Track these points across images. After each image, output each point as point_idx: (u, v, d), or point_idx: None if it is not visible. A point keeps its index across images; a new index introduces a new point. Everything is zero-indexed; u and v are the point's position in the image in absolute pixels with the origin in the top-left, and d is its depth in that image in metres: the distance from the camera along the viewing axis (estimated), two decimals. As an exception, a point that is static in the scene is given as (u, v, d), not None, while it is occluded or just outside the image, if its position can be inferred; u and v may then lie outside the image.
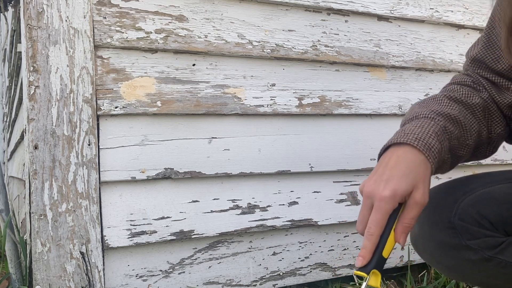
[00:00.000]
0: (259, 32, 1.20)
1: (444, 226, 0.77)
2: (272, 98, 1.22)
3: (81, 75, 1.02)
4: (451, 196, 0.79)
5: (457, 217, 0.76)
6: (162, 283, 1.12)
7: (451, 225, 0.76)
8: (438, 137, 0.73)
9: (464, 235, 0.75)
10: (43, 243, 0.99)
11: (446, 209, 0.78)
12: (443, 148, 0.73)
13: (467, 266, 0.77)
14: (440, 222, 0.78)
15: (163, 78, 1.11)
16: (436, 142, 0.72)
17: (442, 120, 0.76)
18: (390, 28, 1.38)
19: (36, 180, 0.99)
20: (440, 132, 0.73)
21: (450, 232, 0.76)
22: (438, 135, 0.73)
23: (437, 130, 0.73)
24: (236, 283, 1.21)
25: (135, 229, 1.08)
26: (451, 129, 0.76)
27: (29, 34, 0.98)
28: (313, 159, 1.28)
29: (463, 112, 0.80)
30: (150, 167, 1.10)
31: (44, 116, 0.99)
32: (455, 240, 0.76)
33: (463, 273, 0.80)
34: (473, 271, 0.78)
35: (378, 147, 1.35)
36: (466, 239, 0.75)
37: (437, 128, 0.74)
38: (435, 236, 0.78)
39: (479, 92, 0.83)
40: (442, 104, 0.80)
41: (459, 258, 0.77)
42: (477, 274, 0.79)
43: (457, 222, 0.75)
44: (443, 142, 0.73)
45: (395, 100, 1.39)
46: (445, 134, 0.75)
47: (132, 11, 1.07)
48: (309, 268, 1.30)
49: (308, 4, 1.24)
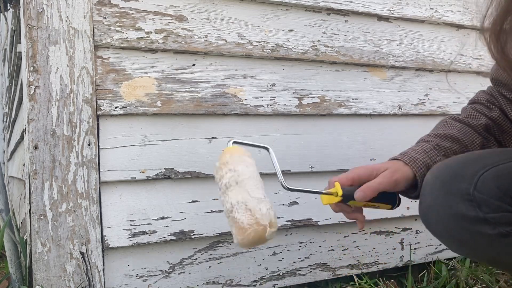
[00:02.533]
0: (259, 32, 1.20)
1: (462, 198, 0.74)
2: (272, 98, 1.22)
3: (81, 75, 1.02)
4: (470, 168, 0.76)
5: (477, 190, 0.73)
6: (162, 283, 1.12)
7: (470, 197, 0.73)
8: (427, 153, 0.88)
9: (482, 208, 0.73)
10: (43, 243, 0.99)
11: (465, 180, 0.75)
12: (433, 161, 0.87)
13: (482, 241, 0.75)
14: (457, 194, 0.75)
15: (163, 78, 1.10)
16: (422, 156, 0.88)
17: (436, 140, 0.91)
18: (390, 28, 1.38)
19: (36, 180, 0.99)
20: (429, 149, 0.89)
21: (468, 205, 0.73)
22: (427, 151, 0.88)
23: (426, 148, 0.89)
24: (236, 283, 1.21)
25: (135, 229, 1.08)
26: (446, 146, 0.90)
27: (29, 34, 0.98)
28: (313, 159, 1.28)
29: (464, 130, 0.93)
30: (150, 167, 1.10)
31: (44, 116, 0.99)
32: (473, 212, 0.73)
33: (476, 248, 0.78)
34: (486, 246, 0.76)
35: (378, 147, 1.35)
36: (485, 212, 0.72)
37: (427, 147, 0.89)
38: (451, 208, 0.75)
39: (490, 111, 0.95)
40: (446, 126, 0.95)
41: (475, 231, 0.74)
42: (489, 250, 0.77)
43: (476, 195, 0.73)
44: (433, 157, 0.88)
45: (395, 100, 1.39)
46: (436, 151, 0.89)
47: (132, 11, 1.07)
48: (309, 268, 1.30)
49: (308, 4, 1.24)
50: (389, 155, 1.08)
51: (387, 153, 1.10)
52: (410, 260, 1.43)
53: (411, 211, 1.40)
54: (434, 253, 1.48)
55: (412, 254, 1.44)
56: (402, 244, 1.43)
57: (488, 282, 1.35)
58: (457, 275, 1.37)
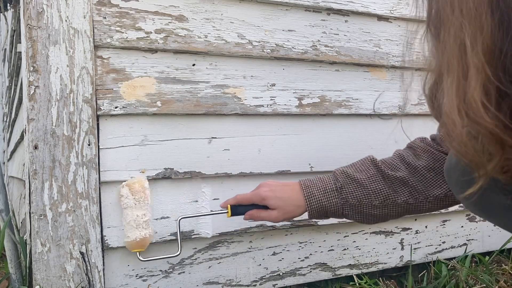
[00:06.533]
0: (259, 32, 1.20)
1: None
2: (272, 98, 1.22)
3: (81, 75, 1.02)
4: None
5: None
6: (162, 283, 1.12)
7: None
8: (326, 194, 1.00)
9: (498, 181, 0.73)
10: (43, 243, 0.99)
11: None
12: (329, 202, 1.00)
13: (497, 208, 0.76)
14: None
15: (163, 78, 1.10)
16: (320, 194, 1.00)
17: (343, 181, 1.00)
18: (390, 28, 1.38)
19: (36, 180, 0.99)
20: (330, 190, 1.00)
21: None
22: (327, 192, 1.00)
23: (328, 188, 1.00)
24: (236, 283, 1.21)
25: (135, 229, 1.08)
26: (349, 190, 0.99)
27: (29, 34, 0.98)
28: (313, 159, 1.28)
29: (374, 179, 1.00)
30: (150, 167, 1.10)
31: (44, 116, 0.99)
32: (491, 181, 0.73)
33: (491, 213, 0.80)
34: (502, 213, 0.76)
35: (378, 147, 1.35)
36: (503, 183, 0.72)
37: (329, 187, 1.00)
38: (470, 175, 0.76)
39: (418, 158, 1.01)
40: (361, 167, 1.03)
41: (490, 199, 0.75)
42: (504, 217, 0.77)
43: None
44: (330, 199, 1.00)
45: (395, 100, 1.39)
46: (337, 193, 1.00)
47: (132, 11, 1.07)
48: (309, 268, 1.30)
49: (308, 4, 1.24)
50: (389, 155, 1.09)
51: (387, 153, 1.10)
52: (410, 260, 1.43)
53: (411, 211, 1.40)
54: (434, 253, 1.48)
55: (412, 254, 1.44)
56: (402, 244, 1.43)
57: (488, 282, 1.35)
58: (457, 275, 1.37)
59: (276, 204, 1.01)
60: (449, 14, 0.58)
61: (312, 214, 1.02)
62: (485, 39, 0.54)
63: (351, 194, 1.00)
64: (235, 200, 1.05)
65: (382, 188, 0.99)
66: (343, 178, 1.01)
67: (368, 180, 1.00)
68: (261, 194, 1.03)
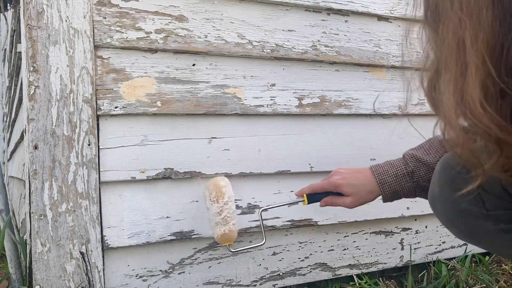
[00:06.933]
0: (259, 32, 1.20)
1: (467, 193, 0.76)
2: (272, 98, 1.22)
3: (81, 75, 1.02)
4: None
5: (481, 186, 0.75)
6: (162, 283, 1.12)
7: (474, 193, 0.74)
8: (398, 179, 1.00)
9: (486, 205, 0.74)
10: (43, 243, 0.99)
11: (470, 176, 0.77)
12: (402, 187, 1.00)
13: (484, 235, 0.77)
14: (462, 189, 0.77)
15: (163, 78, 1.10)
16: (392, 180, 1.01)
17: (413, 165, 1.00)
18: (390, 28, 1.38)
19: (36, 180, 0.99)
20: (401, 175, 1.00)
21: (472, 200, 0.75)
22: (399, 177, 1.00)
23: (400, 173, 1.01)
24: (236, 283, 1.21)
25: (135, 229, 1.08)
26: (420, 174, 0.99)
27: (29, 34, 0.98)
28: (313, 159, 1.28)
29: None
30: (150, 167, 1.10)
31: (44, 116, 0.99)
32: (476, 208, 0.75)
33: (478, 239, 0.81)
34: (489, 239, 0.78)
35: (378, 147, 1.35)
36: (487, 209, 0.74)
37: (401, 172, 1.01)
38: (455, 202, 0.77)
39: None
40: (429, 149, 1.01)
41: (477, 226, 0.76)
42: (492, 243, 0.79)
43: (480, 191, 0.74)
44: (403, 184, 1.00)
45: (395, 100, 1.39)
46: (408, 177, 1.00)
47: (132, 11, 1.07)
48: (309, 268, 1.30)
49: (308, 4, 1.24)
50: (388, 155, 1.09)
51: (387, 153, 1.10)
52: (410, 260, 1.43)
53: (411, 211, 1.40)
54: (434, 253, 1.48)
55: (412, 254, 1.44)
56: (402, 244, 1.43)
57: (488, 282, 1.35)
58: (457, 275, 1.37)
59: (350, 191, 1.04)
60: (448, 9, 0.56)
61: (386, 198, 1.04)
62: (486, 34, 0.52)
63: (422, 178, 0.99)
64: (310, 189, 1.09)
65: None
66: (413, 162, 1.01)
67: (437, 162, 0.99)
68: (334, 182, 1.05)
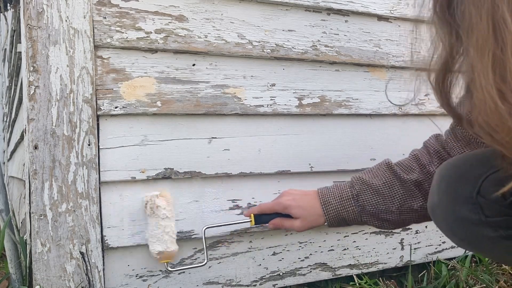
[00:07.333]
0: (259, 32, 1.20)
1: (466, 201, 0.75)
2: (272, 98, 1.22)
3: (81, 75, 1.02)
4: (476, 170, 0.77)
5: (480, 194, 0.74)
6: (162, 283, 1.12)
7: (473, 200, 0.74)
8: (342, 202, 1.00)
9: (485, 212, 0.73)
10: (43, 243, 0.99)
11: (469, 183, 0.76)
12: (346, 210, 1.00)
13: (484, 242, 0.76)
14: (461, 196, 0.76)
15: (163, 78, 1.11)
16: (336, 202, 1.01)
17: (359, 188, 1.00)
18: (390, 28, 1.38)
19: (36, 180, 0.99)
20: (346, 198, 1.00)
21: (471, 207, 0.74)
22: (343, 200, 1.00)
23: (345, 196, 1.00)
24: (236, 283, 1.21)
25: (135, 229, 1.08)
26: (364, 198, 0.99)
27: (29, 34, 0.98)
28: (313, 159, 1.28)
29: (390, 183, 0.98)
30: (150, 167, 1.10)
31: (44, 116, 0.99)
32: (475, 216, 0.74)
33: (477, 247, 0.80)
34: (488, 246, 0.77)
35: (378, 147, 1.35)
36: (486, 216, 0.73)
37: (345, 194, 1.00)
38: (455, 209, 0.77)
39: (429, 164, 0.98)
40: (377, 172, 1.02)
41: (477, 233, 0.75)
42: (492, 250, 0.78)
43: (479, 199, 0.74)
44: (347, 207, 1.00)
45: (395, 100, 1.39)
46: (353, 201, 1.00)
47: (132, 11, 1.07)
48: (309, 268, 1.30)
49: (308, 4, 1.24)
50: (388, 155, 1.09)
51: (387, 153, 1.10)
52: (410, 260, 1.43)
53: (411, 211, 1.40)
54: (434, 253, 1.48)
55: (412, 254, 1.44)
56: (402, 244, 1.43)
57: (488, 282, 1.35)
58: (457, 275, 1.37)
59: (298, 213, 1.02)
60: None
61: (331, 223, 1.02)
62: None
63: (368, 201, 0.99)
64: (258, 209, 1.07)
65: (398, 194, 0.98)
66: (359, 185, 1.00)
67: (384, 185, 0.99)
68: (283, 203, 1.03)
